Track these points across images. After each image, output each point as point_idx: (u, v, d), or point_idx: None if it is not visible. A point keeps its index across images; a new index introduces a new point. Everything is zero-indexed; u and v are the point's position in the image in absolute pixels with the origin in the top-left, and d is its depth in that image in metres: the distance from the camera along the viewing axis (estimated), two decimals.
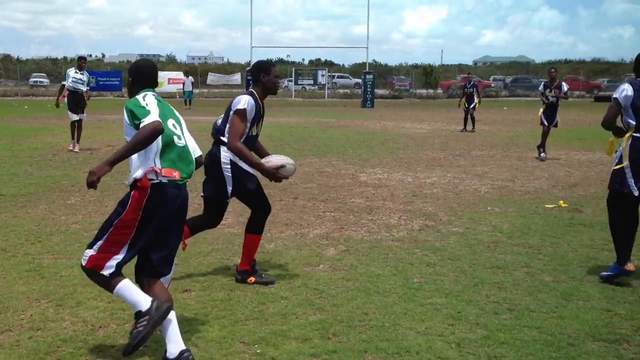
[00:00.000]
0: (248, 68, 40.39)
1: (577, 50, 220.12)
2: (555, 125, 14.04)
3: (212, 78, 52.82)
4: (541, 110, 14.14)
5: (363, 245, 6.69)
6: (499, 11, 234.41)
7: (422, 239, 6.96)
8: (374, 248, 6.57)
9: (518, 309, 4.82)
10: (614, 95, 5.55)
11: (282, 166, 5.43)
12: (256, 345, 4.14)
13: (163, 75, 48.31)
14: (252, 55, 39.26)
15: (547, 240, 6.85)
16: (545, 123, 13.85)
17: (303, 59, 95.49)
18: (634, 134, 5.42)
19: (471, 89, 20.97)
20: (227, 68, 69.32)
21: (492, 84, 55.45)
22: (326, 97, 47.87)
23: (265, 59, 5.62)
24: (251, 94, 5.29)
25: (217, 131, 5.36)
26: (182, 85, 34.97)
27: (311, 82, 49.66)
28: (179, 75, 48.31)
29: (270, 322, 4.55)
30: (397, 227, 7.50)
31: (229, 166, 5.32)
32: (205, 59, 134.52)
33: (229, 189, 5.37)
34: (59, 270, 5.67)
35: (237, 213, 8.12)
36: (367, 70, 39.26)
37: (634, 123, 5.42)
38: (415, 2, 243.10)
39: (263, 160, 5.40)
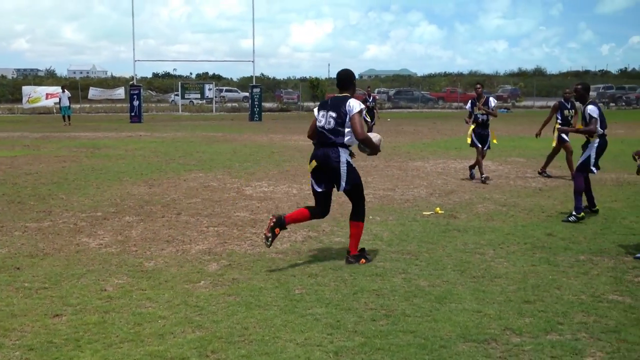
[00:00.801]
0: (131, 82, 39.35)
1: (455, 64, 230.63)
2: (489, 147, 12.48)
3: (93, 92, 51.00)
4: (471, 128, 12.52)
5: (246, 259, 6.66)
6: (382, 26, 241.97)
7: (305, 250, 7.01)
8: (257, 261, 6.55)
9: (394, 315, 4.94)
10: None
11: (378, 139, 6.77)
12: None
13: (40, 90, 46.30)
14: (135, 69, 38.22)
15: (424, 247, 7.09)
16: (478, 145, 12.28)
17: (190, 73, 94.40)
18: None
19: (372, 103, 21.49)
20: (110, 82, 67.32)
21: (377, 97, 56.93)
22: (214, 111, 47.43)
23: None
24: (351, 96, 6.52)
25: (334, 137, 6.37)
26: (58, 100, 33.48)
27: (198, 96, 49.02)
28: (58, 89, 46.42)
29: (146, 343, 4.42)
30: (280, 239, 7.50)
31: (346, 165, 6.34)
32: (87, 72, 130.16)
33: (343, 183, 6.37)
34: None
35: (115, 232, 7.87)
36: (254, 83, 39.22)
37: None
38: (302, 17, 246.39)
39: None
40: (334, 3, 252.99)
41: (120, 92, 50.22)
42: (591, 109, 8.46)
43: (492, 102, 12.48)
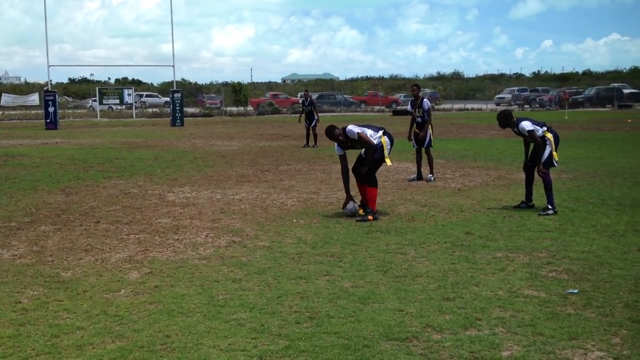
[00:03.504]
0: (46, 88, 38.05)
1: (376, 68, 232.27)
2: (430, 145, 12.77)
3: (6, 99, 48.92)
4: (413, 130, 12.96)
5: (168, 266, 6.55)
6: (303, 31, 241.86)
7: (229, 255, 6.96)
8: (179, 268, 6.45)
9: (319, 317, 4.97)
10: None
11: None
12: None
13: None
14: (49, 75, 36.94)
15: (348, 248, 7.16)
16: (415, 145, 12.92)
17: (109, 78, 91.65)
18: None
19: (309, 107, 21.42)
20: (24, 88, 64.96)
21: (300, 101, 57.17)
22: (134, 116, 46.38)
23: None
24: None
25: None
26: None
27: (117, 101, 47.82)
28: None
29: (64, 355, 4.29)
30: (204, 245, 7.43)
31: None
32: (0, 79, 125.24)
33: None
34: None
35: (30, 242, 7.60)
36: (175, 88, 38.64)
37: None
38: (223, 21, 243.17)
39: None
40: (255, 8, 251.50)
41: (34, 99, 48.42)
42: (522, 126, 9.03)
43: (426, 104, 12.79)
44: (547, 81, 76.94)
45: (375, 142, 8.92)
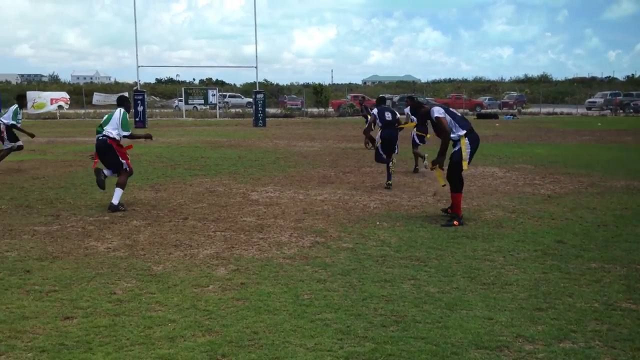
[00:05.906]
0: (135, 88, 39.41)
1: (460, 70, 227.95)
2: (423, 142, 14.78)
3: (97, 98, 51.05)
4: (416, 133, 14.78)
5: (254, 263, 6.63)
6: (385, 32, 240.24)
7: (313, 255, 6.98)
8: (264, 266, 6.52)
9: (405, 321, 4.91)
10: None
11: None
12: None
13: (45, 96, 46.36)
14: (138, 75, 38.25)
15: (433, 253, 7.05)
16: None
17: (194, 79, 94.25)
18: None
19: (363, 111, 21.54)
20: (114, 88, 67.66)
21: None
22: (218, 116, 47.46)
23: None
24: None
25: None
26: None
27: (202, 101, 49.05)
28: (63, 94, 46.66)
29: (157, 346, 4.40)
30: (288, 244, 7.49)
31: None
32: (91, 78, 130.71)
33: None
34: None
35: (123, 236, 7.86)
36: (258, 89, 39.24)
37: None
38: (305, 23, 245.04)
39: None
40: (336, 9, 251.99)
41: None
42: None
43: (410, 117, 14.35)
44: None
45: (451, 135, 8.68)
